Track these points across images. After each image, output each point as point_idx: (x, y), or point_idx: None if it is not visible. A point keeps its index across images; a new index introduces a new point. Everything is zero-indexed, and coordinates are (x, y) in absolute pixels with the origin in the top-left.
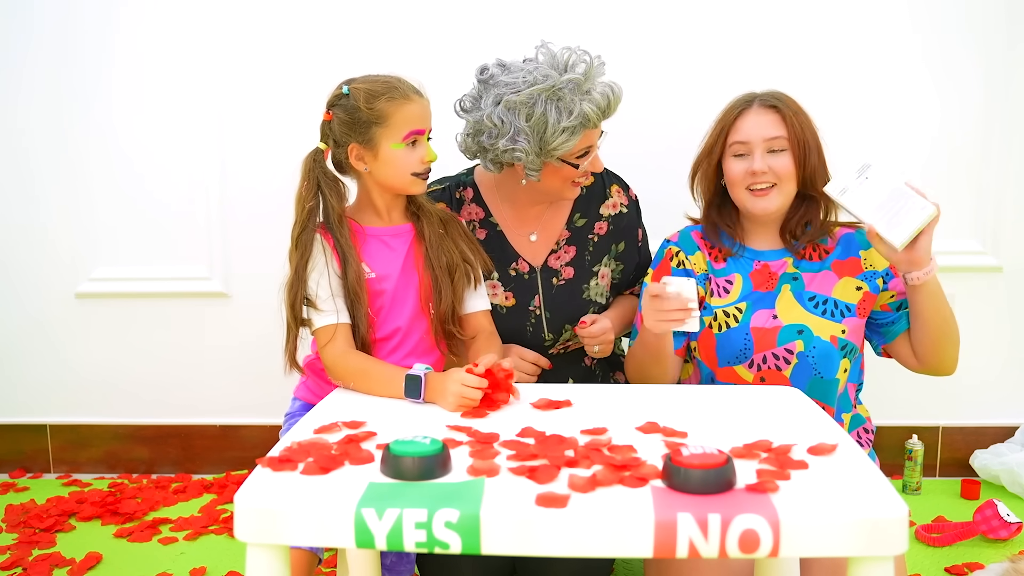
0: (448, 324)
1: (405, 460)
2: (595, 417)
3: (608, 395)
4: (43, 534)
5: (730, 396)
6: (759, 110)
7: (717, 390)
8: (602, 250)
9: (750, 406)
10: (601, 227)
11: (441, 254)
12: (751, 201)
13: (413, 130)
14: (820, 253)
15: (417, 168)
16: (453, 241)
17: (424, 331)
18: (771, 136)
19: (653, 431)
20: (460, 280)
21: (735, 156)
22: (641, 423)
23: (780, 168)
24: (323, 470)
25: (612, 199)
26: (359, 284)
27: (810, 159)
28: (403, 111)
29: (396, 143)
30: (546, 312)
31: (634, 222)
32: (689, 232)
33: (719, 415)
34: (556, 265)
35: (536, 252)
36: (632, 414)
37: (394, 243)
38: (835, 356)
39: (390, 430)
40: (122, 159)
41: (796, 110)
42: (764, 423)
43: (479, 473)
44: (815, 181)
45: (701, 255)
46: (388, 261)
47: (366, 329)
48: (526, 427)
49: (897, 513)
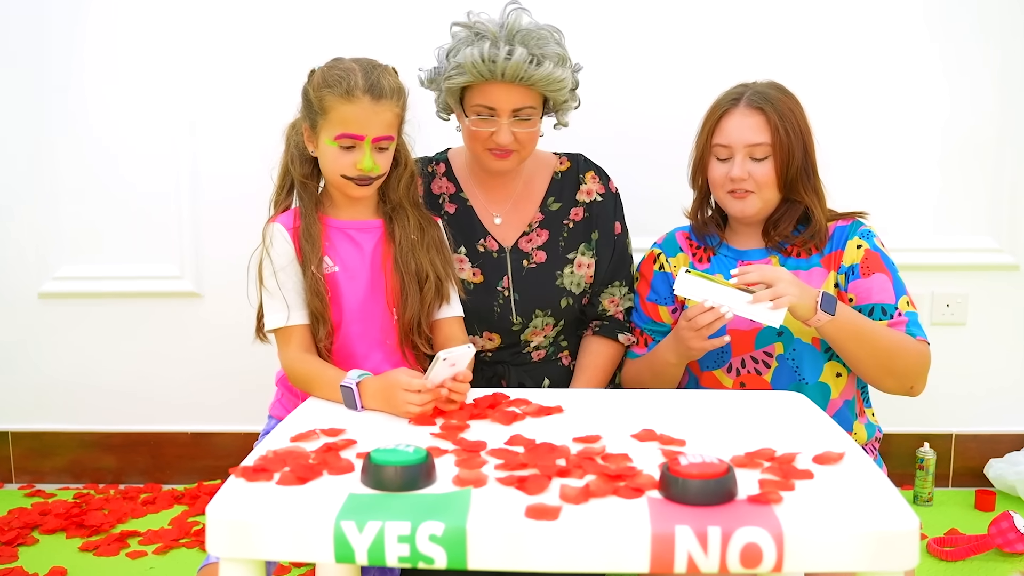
0: (413, 335)
1: (387, 470)
2: (588, 424)
3: (601, 400)
4: (5, 548)
5: (731, 402)
6: (744, 112)
7: (716, 395)
8: (578, 237)
9: (752, 412)
10: (577, 213)
11: (411, 259)
12: (730, 203)
13: (346, 133)
14: (808, 250)
15: (348, 172)
16: (426, 250)
17: (392, 340)
18: (753, 143)
19: (649, 439)
20: (429, 291)
21: (717, 158)
22: (637, 430)
23: (760, 176)
24: (300, 480)
25: (586, 185)
26: (319, 282)
27: (793, 166)
28: (341, 110)
29: (330, 139)
30: (515, 293)
31: (610, 214)
32: (675, 234)
33: (719, 422)
34: (527, 247)
35: (505, 232)
36: (627, 421)
37: (360, 238)
38: (819, 359)
39: (371, 437)
40: (89, 152)
41: (784, 112)
42: (767, 430)
43: (466, 483)
44: (798, 188)
45: (683, 257)
46: (352, 257)
47: (326, 332)
48: (515, 435)
49: (907, 526)
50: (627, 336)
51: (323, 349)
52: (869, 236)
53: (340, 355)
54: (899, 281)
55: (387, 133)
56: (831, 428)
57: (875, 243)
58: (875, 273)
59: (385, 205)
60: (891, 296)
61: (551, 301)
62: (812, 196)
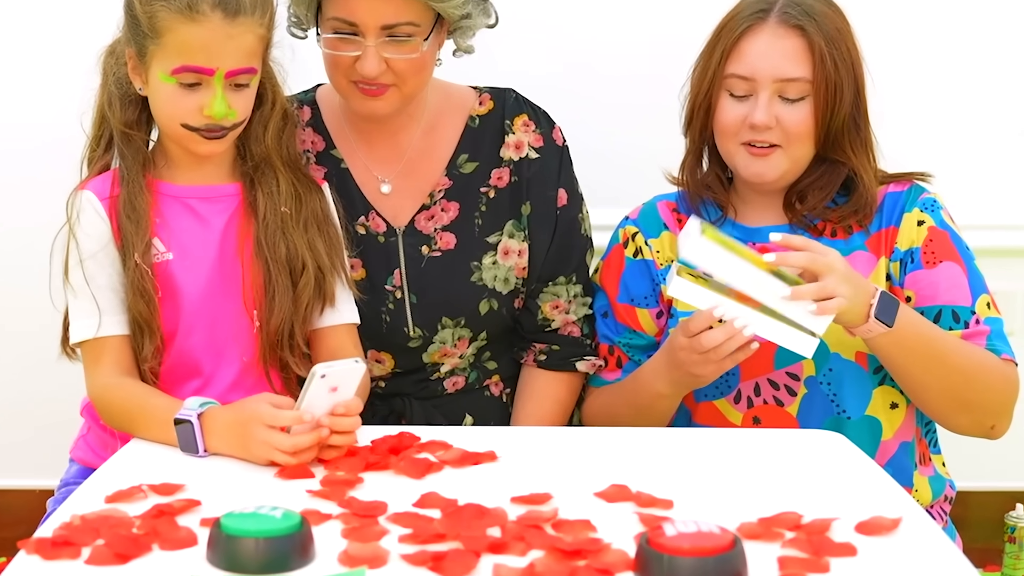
0: (282, 349)
1: (244, 543)
2: (533, 477)
3: (552, 443)
4: None
5: (738, 445)
6: (776, 30)
7: (715, 435)
8: (502, 212)
9: (769, 460)
10: (500, 177)
11: (279, 241)
12: (744, 161)
13: (188, 64)
14: (848, 226)
15: (191, 119)
16: (303, 228)
17: (251, 355)
18: (787, 77)
19: (621, 498)
20: (306, 287)
21: (732, 94)
22: (603, 486)
23: (792, 123)
24: (120, 558)
25: (514, 135)
26: (145, 275)
27: (839, 112)
28: (181, 32)
29: (164, 73)
30: (411, 295)
31: (551, 175)
32: (656, 204)
33: (720, 473)
34: (428, 228)
35: (397, 206)
36: (590, 472)
37: (206, 211)
38: (866, 383)
39: (221, 496)
40: None
41: (832, 33)
42: (790, 486)
43: (358, 563)
44: (842, 143)
45: (669, 237)
46: (194, 239)
47: (154, 347)
48: (428, 492)
49: None
50: (591, 362)
51: (148, 371)
52: (935, 208)
53: (173, 378)
54: (976, 274)
55: (247, 64)
56: (882, 482)
57: (943, 218)
58: (943, 262)
59: (245, 163)
60: (966, 295)
61: (464, 305)
62: (861, 155)
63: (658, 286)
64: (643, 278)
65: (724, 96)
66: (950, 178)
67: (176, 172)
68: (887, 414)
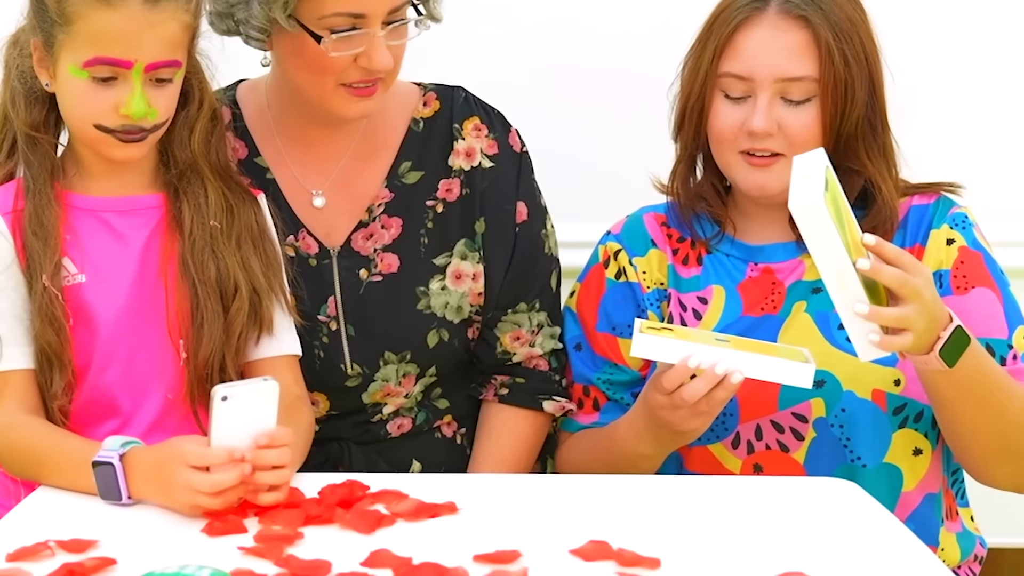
0: (212, 384)
1: None
2: (499, 532)
3: (521, 492)
4: None
5: (737, 495)
6: (777, 22)
7: (710, 483)
8: (451, 230)
9: (773, 512)
10: (450, 189)
11: (209, 260)
12: (743, 172)
13: (102, 56)
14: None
15: (105, 119)
16: (235, 245)
17: (177, 391)
18: (789, 76)
19: (601, 556)
20: (239, 313)
21: (727, 95)
22: (580, 542)
23: (796, 129)
24: None
25: (464, 142)
26: (54, 300)
27: (851, 114)
28: (95, 19)
29: (75, 66)
30: (348, 326)
31: (509, 187)
32: (642, 217)
33: (715, 528)
34: (367, 248)
35: (331, 222)
36: (564, 525)
37: (124, 226)
38: (884, 425)
39: (140, 554)
40: None
41: (843, 24)
42: (795, 542)
43: None
44: (857, 149)
45: (657, 256)
46: (111, 258)
47: (65, 382)
48: (379, 550)
49: None
50: (560, 404)
51: (57, 410)
52: (966, 225)
53: (87, 418)
54: (1013, 301)
55: (170, 56)
56: (903, 539)
57: (975, 237)
58: (976, 287)
59: (168, 171)
60: (1002, 326)
61: (410, 337)
62: (879, 162)
63: (644, 312)
64: (627, 303)
65: (718, 98)
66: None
67: (89, 182)
68: (909, 461)
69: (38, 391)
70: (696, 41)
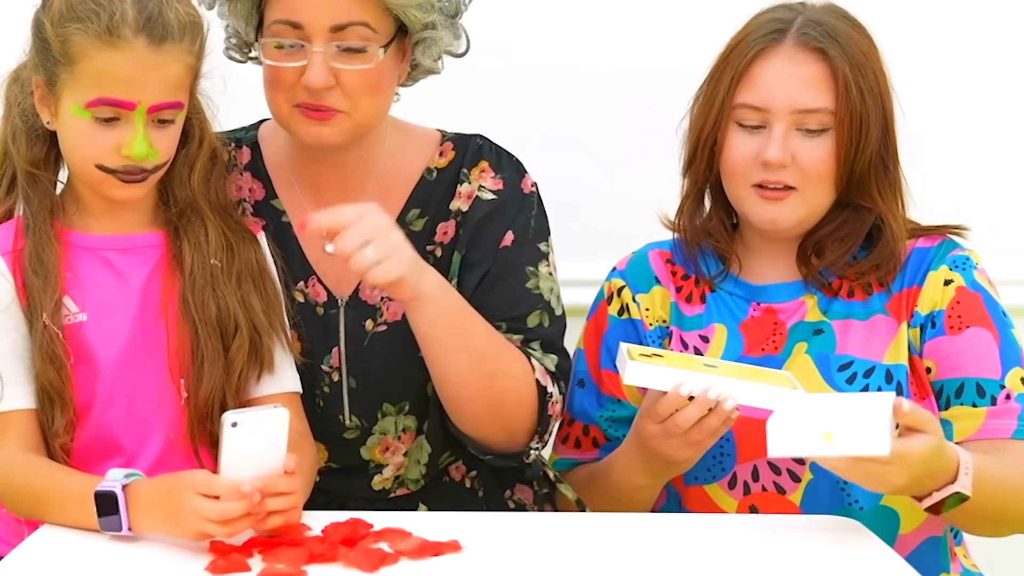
0: (212, 423)
1: None
2: (502, 571)
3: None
4: None
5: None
6: (794, 54)
7: (709, 523)
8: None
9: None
10: (446, 232)
11: (209, 298)
12: (754, 205)
13: (105, 97)
14: (867, 284)
15: (107, 159)
16: (236, 283)
17: (178, 430)
18: (806, 108)
19: None
20: (240, 351)
21: (741, 125)
22: None
23: (811, 161)
24: None
25: (469, 185)
26: (55, 339)
27: (865, 149)
28: (98, 60)
29: (77, 106)
30: (350, 378)
31: (503, 219)
32: (647, 254)
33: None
34: (374, 297)
35: (342, 271)
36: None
37: (125, 265)
38: None
39: None
40: None
41: (858, 58)
42: None
43: None
44: (868, 186)
45: (661, 293)
46: (112, 297)
47: (67, 421)
48: None
49: None
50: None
51: (59, 448)
52: (966, 266)
53: (89, 456)
54: (1012, 343)
55: (172, 98)
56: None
57: (975, 279)
58: (971, 327)
59: (168, 210)
60: (995, 366)
61: (409, 386)
62: (889, 200)
63: None
64: (628, 340)
65: (733, 129)
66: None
67: (89, 220)
68: (907, 504)
69: (39, 430)
70: (711, 73)
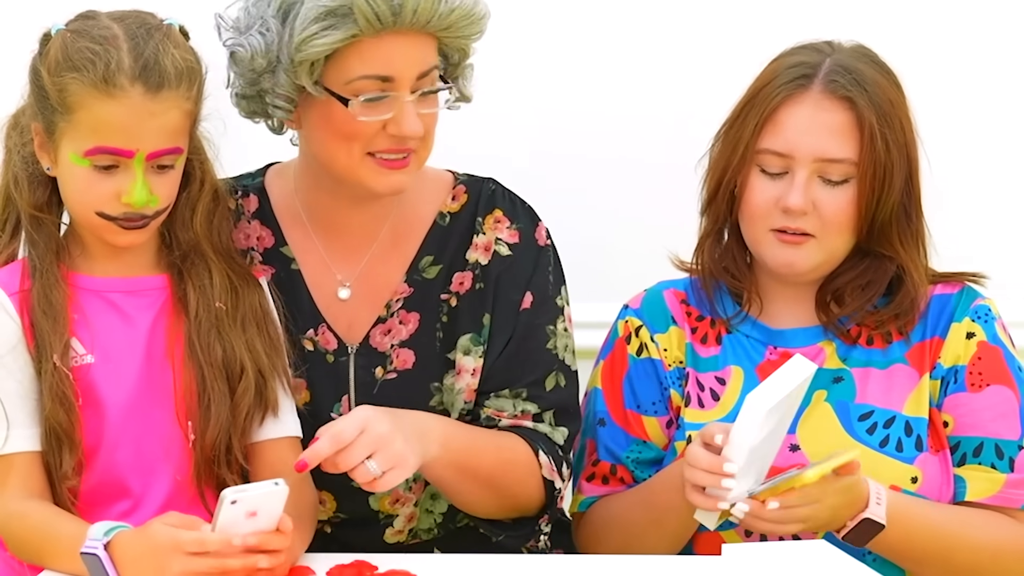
0: (218, 466)
1: None
2: None
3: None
4: None
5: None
6: (821, 101)
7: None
8: (463, 324)
9: None
10: (462, 282)
11: (215, 342)
12: (772, 250)
13: (103, 146)
14: (887, 333)
15: (107, 207)
16: (240, 327)
17: (184, 472)
18: (830, 157)
19: None
20: (245, 394)
21: (763, 171)
22: None
23: (831, 211)
24: None
25: (484, 236)
26: (63, 380)
27: (888, 200)
28: (96, 109)
29: (76, 154)
30: None
31: (521, 276)
32: (662, 293)
33: None
34: (384, 345)
35: (353, 316)
36: None
37: (130, 307)
38: None
39: None
40: None
41: (885, 107)
42: None
43: None
44: (890, 235)
45: (677, 333)
46: (118, 339)
47: (75, 462)
48: None
49: None
50: (555, 469)
51: (67, 491)
52: (988, 319)
53: (97, 499)
54: None
55: (171, 144)
56: None
57: (996, 332)
58: (991, 385)
59: (171, 252)
60: (1015, 426)
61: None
62: (911, 249)
63: (667, 390)
64: (650, 381)
65: (755, 173)
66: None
67: (93, 262)
68: None
69: (44, 473)
70: (734, 114)
